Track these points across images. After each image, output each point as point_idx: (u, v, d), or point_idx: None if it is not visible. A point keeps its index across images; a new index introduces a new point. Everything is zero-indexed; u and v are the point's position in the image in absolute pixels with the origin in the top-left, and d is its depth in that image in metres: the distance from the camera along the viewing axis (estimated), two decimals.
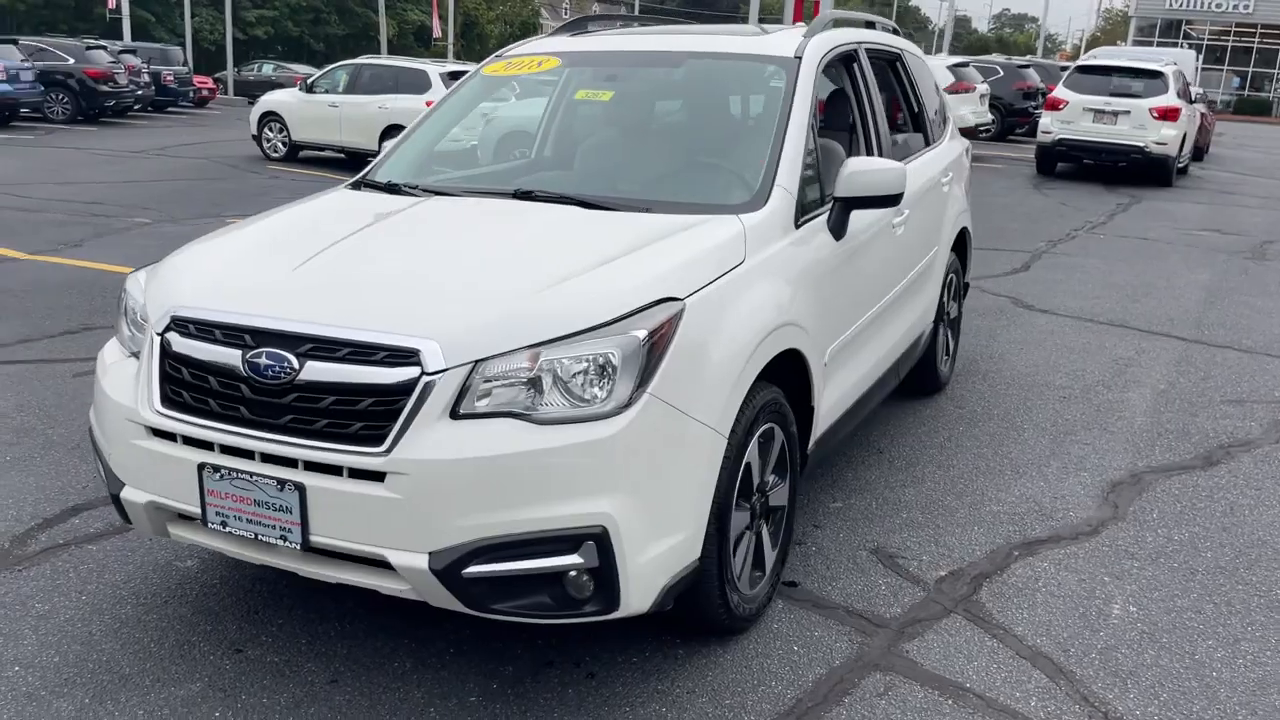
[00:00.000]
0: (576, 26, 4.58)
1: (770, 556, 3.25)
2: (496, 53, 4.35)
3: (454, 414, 2.45)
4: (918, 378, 5.33)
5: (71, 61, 23.64)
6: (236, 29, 50.97)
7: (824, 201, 3.57)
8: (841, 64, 4.33)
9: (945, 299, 5.35)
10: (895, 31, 5.41)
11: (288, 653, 2.98)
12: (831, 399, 3.64)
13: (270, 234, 3.24)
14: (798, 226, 3.36)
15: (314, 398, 2.52)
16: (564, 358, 2.49)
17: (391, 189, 3.71)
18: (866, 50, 4.45)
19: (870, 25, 4.99)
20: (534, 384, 2.49)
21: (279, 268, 2.90)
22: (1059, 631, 3.17)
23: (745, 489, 3.02)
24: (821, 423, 3.57)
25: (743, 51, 3.98)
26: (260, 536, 2.60)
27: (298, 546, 2.56)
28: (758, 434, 3.02)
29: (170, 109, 29.37)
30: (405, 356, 2.47)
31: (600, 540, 2.46)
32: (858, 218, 3.70)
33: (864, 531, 3.82)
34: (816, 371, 3.39)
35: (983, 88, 20.23)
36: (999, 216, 12.13)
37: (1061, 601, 3.35)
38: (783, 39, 3.96)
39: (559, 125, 4.30)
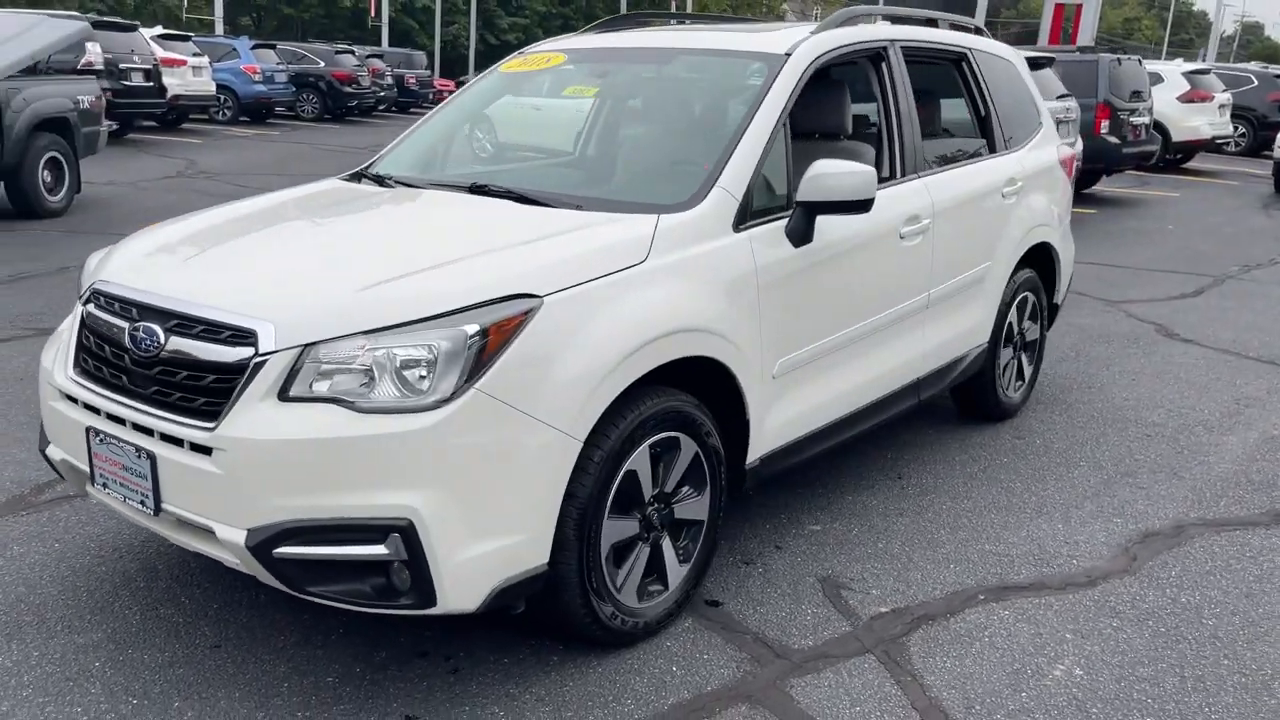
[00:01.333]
0: (621, 23, 4.55)
1: (677, 571, 3.12)
2: (519, 50, 4.39)
3: (283, 395, 2.50)
4: (973, 403, 4.96)
5: (321, 65, 25.69)
6: (491, 35, 53.83)
7: (790, 206, 3.38)
8: (868, 63, 4.09)
9: (1016, 319, 4.94)
10: (977, 30, 5.04)
11: (193, 615, 3.13)
12: (786, 415, 3.45)
13: (219, 218, 3.41)
14: (739, 229, 3.21)
15: (172, 371, 2.64)
16: (394, 347, 2.50)
17: (377, 180, 3.82)
18: (903, 49, 4.18)
19: (930, 23, 4.68)
20: (368, 372, 2.50)
21: (194, 249, 3.06)
22: (975, 687, 2.87)
23: (630, 498, 2.92)
24: (769, 439, 3.39)
25: (732, 48, 3.84)
26: (127, 500, 2.75)
27: (152, 512, 2.69)
28: (649, 442, 2.91)
29: (411, 109, 31.31)
30: (244, 336, 2.55)
31: (406, 533, 2.45)
32: (836, 224, 3.49)
33: (825, 558, 3.60)
34: (751, 384, 3.22)
35: (1223, 97, 18.47)
36: (1200, 237, 11.07)
37: (998, 655, 3.03)
38: (783, 36, 3.79)
39: (548, 120, 4.27)
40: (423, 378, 2.49)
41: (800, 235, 3.35)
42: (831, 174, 3.27)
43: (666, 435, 2.97)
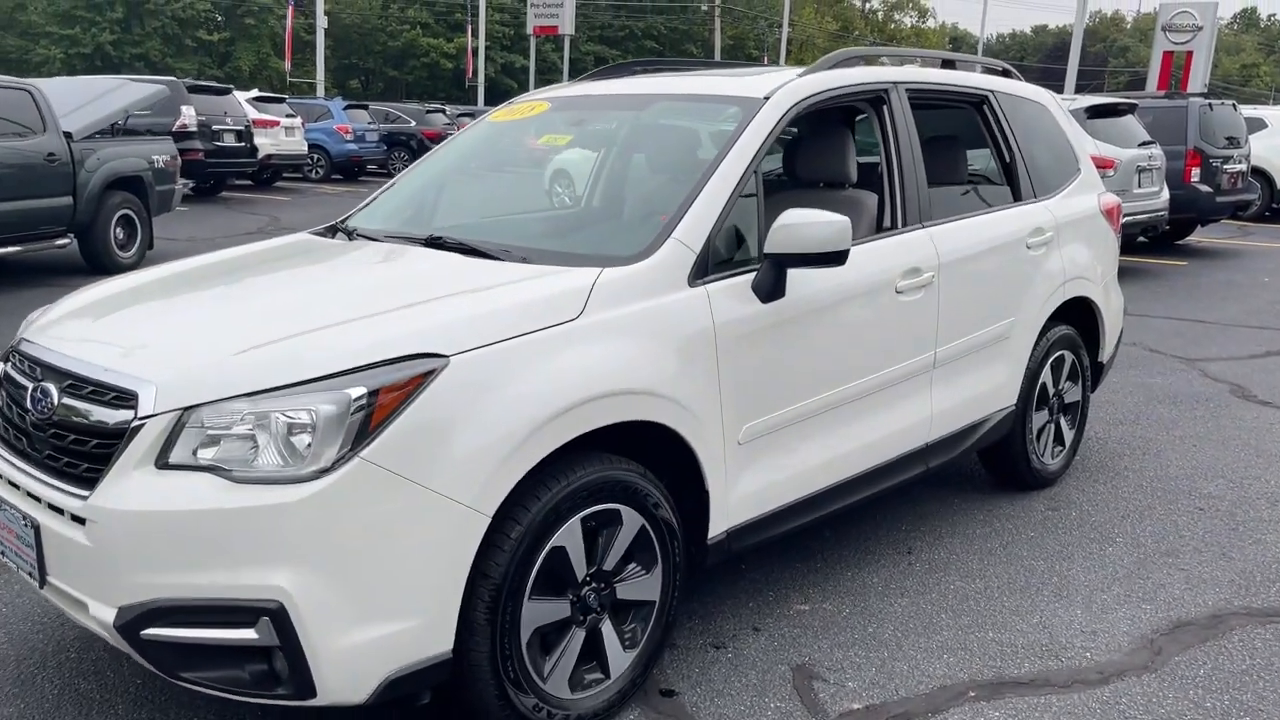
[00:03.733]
0: (618, 71, 4.37)
1: (621, 659, 2.85)
2: (508, 100, 4.25)
3: (160, 463, 2.34)
4: (1003, 470, 4.57)
5: (412, 124, 26.32)
6: None
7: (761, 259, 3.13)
8: (869, 107, 3.83)
9: (1052, 380, 4.56)
10: (1005, 72, 4.73)
11: (111, 692, 2.97)
12: (758, 485, 3.17)
13: (159, 275, 3.31)
14: (696, 284, 2.96)
15: (61, 434, 2.51)
16: (278, 411, 2.31)
17: (346, 233, 3.69)
18: (910, 91, 3.90)
19: (949, 64, 4.39)
20: (252, 438, 2.32)
21: (114, 308, 2.96)
22: None
23: (561, 578, 2.67)
24: (737, 511, 3.11)
25: (711, 93, 3.62)
26: (19, 569, 2.61)
27: (38, 584, 2.54)
28: (581, 515, 2.66)
29: None
30: (126, 398, 2.40)
31: (277, 617, 2.24)
32: (816, 278, 3.22)
33: (806, 643, 3.27)
34: (709, 452, 2.96)
35: None
36: None
37: None
38: (768, 79, 3.56)
39: (514, 166, 4.09)
40: (309, 446, 2.30)
41: (769, 290, 3.09)
42: (801, 224, 3.01)
43: (604, 508, 2.72)
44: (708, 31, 60.00)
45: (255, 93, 22.09)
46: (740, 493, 3.12)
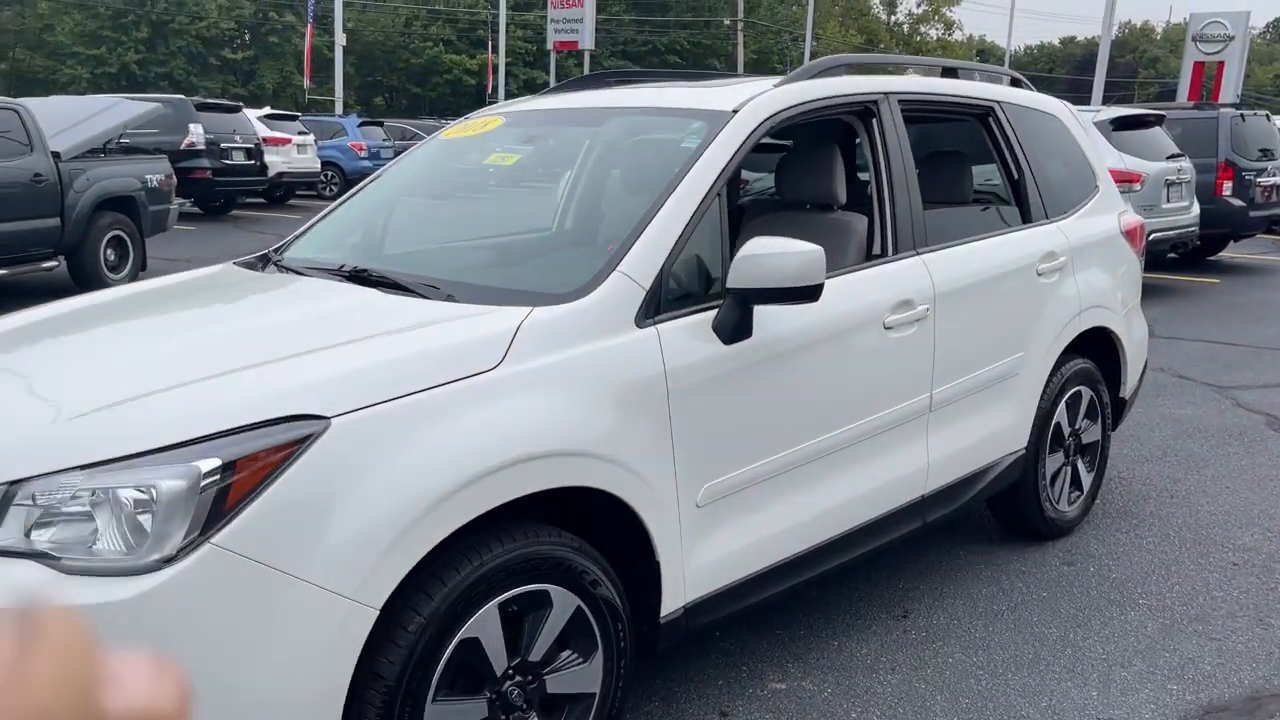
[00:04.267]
0: (593, 82, 4.00)
1: None
2: (464, 115, 3.88)
3: None
4: (1012, 519, 4.14)
5: None
6: None
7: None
8: (856, 120, 3.44)
9: (1068, 419, 4.13)
10: (1015, 81, 4.32)
11: None
12: (720, 553, 2.77)
13: (39, 316, 2.95)
14: (645, 324, 2.58)
15: None
16: (118, 487, 1.94)
17: (277, 264, 3.32)
18: (903, 102, 3.51)
19: (950, 73, 3.98)
20: (91, 517, 1.95)
21: None
22: None
23: (475, 673, 2.28)
24: (696, 583, 2.71)
25: (673, 106, 3.24)
26: None
27: None
28: (499, 600, 2.27)
29: None
30: None
31: None
32: (789, 315, 2.83)
33: None
34: (660, 518, 2.57)
35: None
36: None
37: None
38: (739, 90, 3.17)
39: (458, 187, 3.70)
40: (151, 529, 1.92)
41: (731, 330, 2.70)
42: (766, 255, 2.62)
43: (529, 589, 2.33)
44: (731, 46, 59.68)
45: (267, 110, 21.94)
46: (699, 562, 2.72)
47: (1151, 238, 8.94)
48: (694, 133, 3.00)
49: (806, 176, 3.53)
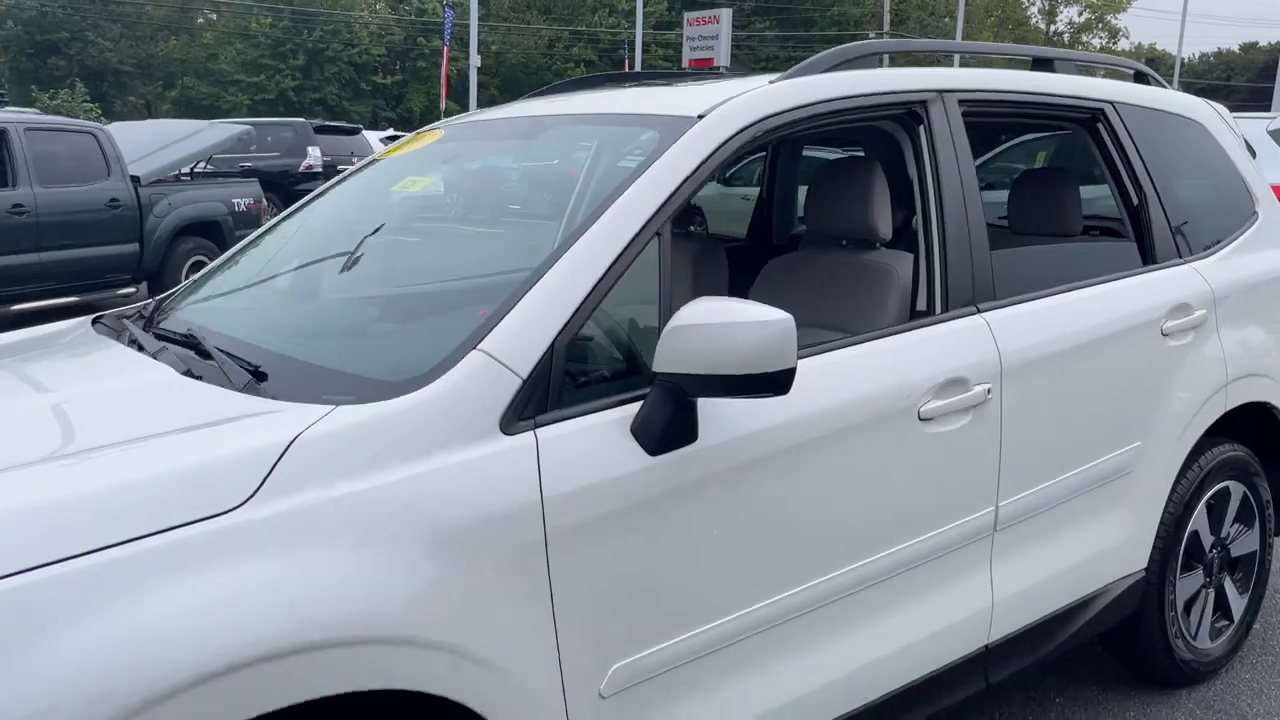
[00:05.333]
0: (579, 86, 3.16)
1: None
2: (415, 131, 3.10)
3: None
4: (1130, 660, 3.10)
5: None
6: None
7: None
8: (898, 127, 2.53)
9: (1209, 526, 3.07)
10: (1139, 76, 3.29)
11: None
12: None
13: None
14: (515, 429, 1.74)
15: None
16: None
17: (146, 321, 2.62)
18: (966, 103, 2.57)
19: (1046, 64, 2.98)
20: None
21: None
22: None
23: None
24: None
25: (626, 112, 2.38)
26: None
27: None
28: None
29: None
30: None
31: None
32: (755, 406, 1.95)
33: None
34: None
35: None
36: None
37: None
38: (722, 88, 2.30)
39: (351, 227, 2.82)
40: None
41: (661, 434, 1.82)
42: (710, 325, 1.76)
43: None
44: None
45: (390, 132, 22.00)
46: None
47: None
48: (639, 147, 2.15)
49: (836, 202, 2.64)
